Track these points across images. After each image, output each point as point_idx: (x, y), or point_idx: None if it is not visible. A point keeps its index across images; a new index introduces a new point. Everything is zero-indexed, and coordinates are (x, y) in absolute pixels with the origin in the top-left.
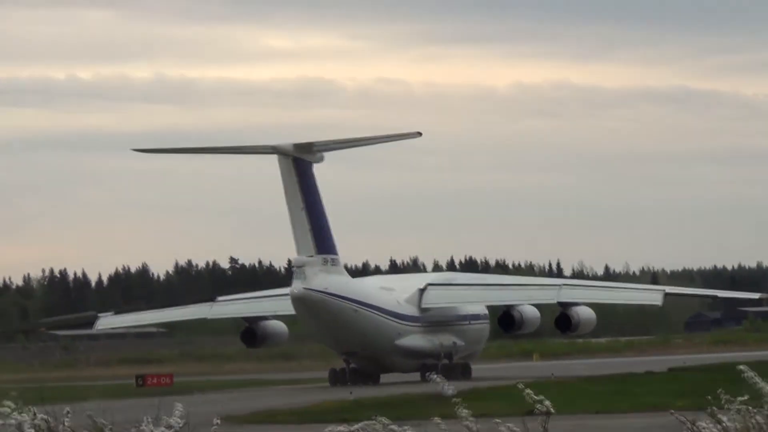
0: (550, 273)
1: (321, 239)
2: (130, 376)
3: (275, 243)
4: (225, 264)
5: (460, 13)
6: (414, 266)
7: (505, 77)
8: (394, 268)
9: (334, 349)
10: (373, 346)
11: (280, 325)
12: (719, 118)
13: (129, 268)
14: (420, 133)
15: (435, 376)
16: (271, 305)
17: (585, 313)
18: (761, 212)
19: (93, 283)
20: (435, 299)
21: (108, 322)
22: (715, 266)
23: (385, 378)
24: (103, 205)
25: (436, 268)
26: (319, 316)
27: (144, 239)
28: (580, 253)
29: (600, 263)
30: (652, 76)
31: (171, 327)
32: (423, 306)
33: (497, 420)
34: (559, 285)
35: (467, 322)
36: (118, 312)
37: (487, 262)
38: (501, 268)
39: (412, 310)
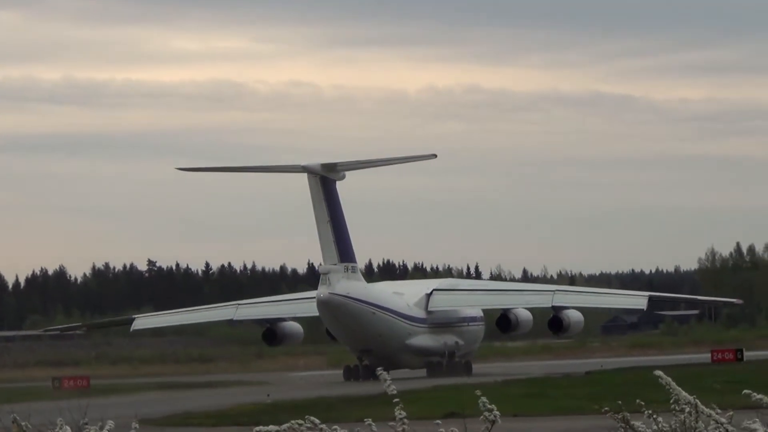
0: (468, 276)
1: (344, 249)
2: (47, 378)
3: (192, 246)
4: (143, 266)
5: (370, 15)
6: None
7: (417, 81)
8: (312, 272)
9: (351, 347)
10: (386, 345)
11: (296, 327)
12: (630, 123)
13: (46, 271)
14: (435, 155)
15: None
16: (290, 308)
17: (575, 316)
18: (676, 216)
19: (10, 285)
20: (440, 303)
21: (143, 322)
22: (632, 270)
23: (393, 374)
24: (16, 207)
25: None
26: (342, 318)
27: (60, 241)
28: (498, 257)
29: (518, 267)
30: (563, 80)
31: (90, 328)
32: (429, 309)
33: (437, 421)
34: (553, 290)
35: (466, 324)
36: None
37: (405, 266)
38: (419, 271)
39: (420, 313)
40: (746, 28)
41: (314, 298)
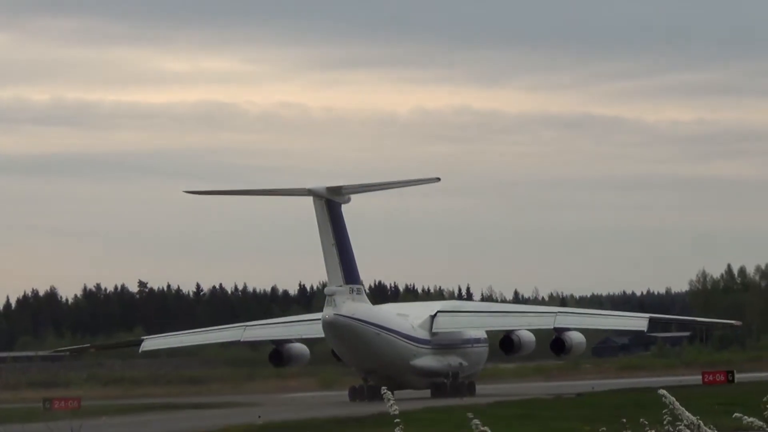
0: (459, 297)
1: (349, 271)
2: (38, 400)
3: (183, 267)
4: (134, 288)
5: (360, 37)
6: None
7: (406, 102)
8: (303, 293)
9: (357, 368)
10: (391, 366)
11: (303, 348)
12: (621, 145)
13: (37, 292)
14: (439, 179)
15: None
16: (297, 329)
17: (577, 337)
18: (668, 238)
19: (1, 307)
20: (444, 325)
21: (152, 343)
22: (624, 292)
23: (398, 395)
24: (7, 228)
25: None
26: (347, 339)
27: (51, 263)
28: (489, 279)
29: (509, 288)
30: (553, 101)
31: (79, 350)
32: (434, 330)
33: None
34: (554, 312)
35: (470, 345)
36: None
37: (396, 287)
38: (410, 292)
39: (424, 334)
40: (736, 51)
41: (320, 319)
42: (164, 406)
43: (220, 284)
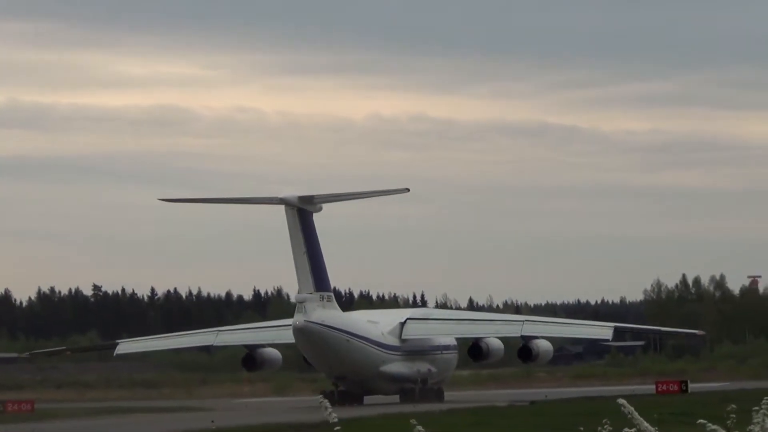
0: (414, 305)
1: (319, 279)
2: None
3: (138, 271)
4: (88, 291)
5: (315, 43)
6: (278, 296)
7: (363, 109)
8: (258, 299)
9: (327, 373)
10: (361, 372)
11: (275, 353)
12: (576, 153)
13: None
14: (408, 189)
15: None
16: (270, 335)
17: (544, 345)
18: (622, 247)
19: None
20: (414, 332)
21: (126, 347)
22: (578, 300)
23: (367, 399)
24: None
25: None
26: (317, 345)
27: (6, 265)
28: (444, 286)
29: (464, 296)
30: (509, 110)
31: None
32: (403, 337)
33: None
34: (522, 321)
35: (440, 352)
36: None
37: (351, 294)
38: (365, 299)
39: (393, 341)
40: (690, 61)
41: (291, 325)
42: (117, 409)
43: (175, 289)
